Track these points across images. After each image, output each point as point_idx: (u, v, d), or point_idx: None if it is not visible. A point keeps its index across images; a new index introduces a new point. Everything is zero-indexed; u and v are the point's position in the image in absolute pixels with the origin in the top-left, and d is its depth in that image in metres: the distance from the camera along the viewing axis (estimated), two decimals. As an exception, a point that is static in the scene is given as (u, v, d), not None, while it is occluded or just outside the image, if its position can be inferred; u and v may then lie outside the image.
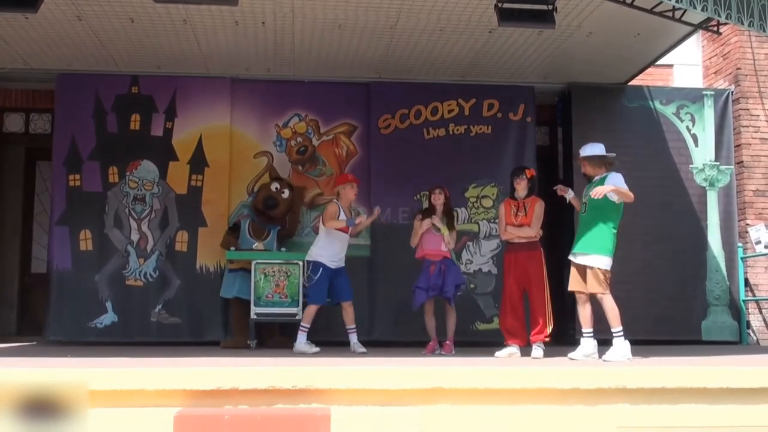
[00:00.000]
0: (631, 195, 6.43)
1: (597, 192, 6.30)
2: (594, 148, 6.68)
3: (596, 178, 6.58)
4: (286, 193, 8.66)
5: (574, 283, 6.61)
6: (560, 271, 9.06)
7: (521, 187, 7.14)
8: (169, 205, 8.92)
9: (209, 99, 9.03)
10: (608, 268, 6.46)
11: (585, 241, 6.49)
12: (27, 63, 8.83)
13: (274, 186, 8.66)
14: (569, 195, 6.95)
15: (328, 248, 7.47)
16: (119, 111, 8.96)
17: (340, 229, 7.49)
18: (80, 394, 4.14)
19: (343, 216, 7.50)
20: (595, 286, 6.43)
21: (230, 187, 9.00)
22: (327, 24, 7.84)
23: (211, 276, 8.83)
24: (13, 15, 7.31)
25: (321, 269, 7.43)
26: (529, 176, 7.14)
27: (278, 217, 8.63)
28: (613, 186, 6.38)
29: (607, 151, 6.64)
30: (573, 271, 6.61)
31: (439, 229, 7.36)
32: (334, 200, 7.66)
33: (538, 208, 7.07)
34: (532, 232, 7.03)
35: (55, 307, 8.58)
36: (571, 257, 6.62)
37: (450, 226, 7.44)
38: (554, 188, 7.04)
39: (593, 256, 6.45)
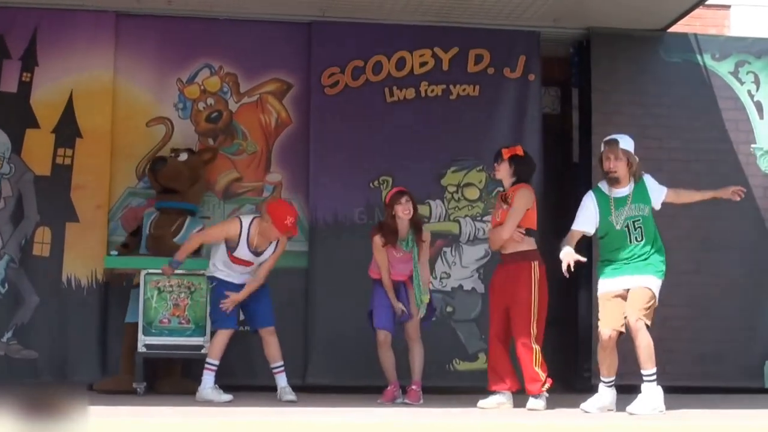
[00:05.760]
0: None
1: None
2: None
3: (623, 189, 6.67)
4: (184, 156, 8.62)
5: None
6: (570, 290, 9.13)
7: (501, 175, 7.19)
8: (24, 190, 8.84)
9: (84, 42, 8.95)
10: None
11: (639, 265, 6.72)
12: None
13: (169, 154, 8.72)
14: None
15: (220, 264, 7.66)
16: (-46, 56, 8.91)
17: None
18: None
19: (241, 250, 7.60)
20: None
21: (113, 167, 8.94)
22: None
23: (83, 292, 8.75)
24: None
25: (217, 284, 7.64)
26: (507, 157, 7.12)
27: (170, 177, 8.47)
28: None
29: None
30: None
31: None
32: (239, 218, 7.79)
33: (518, 198, 7.02)
34: (505, 233, 7.00)
35: None
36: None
37: (418, 240, 7.52)
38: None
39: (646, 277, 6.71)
